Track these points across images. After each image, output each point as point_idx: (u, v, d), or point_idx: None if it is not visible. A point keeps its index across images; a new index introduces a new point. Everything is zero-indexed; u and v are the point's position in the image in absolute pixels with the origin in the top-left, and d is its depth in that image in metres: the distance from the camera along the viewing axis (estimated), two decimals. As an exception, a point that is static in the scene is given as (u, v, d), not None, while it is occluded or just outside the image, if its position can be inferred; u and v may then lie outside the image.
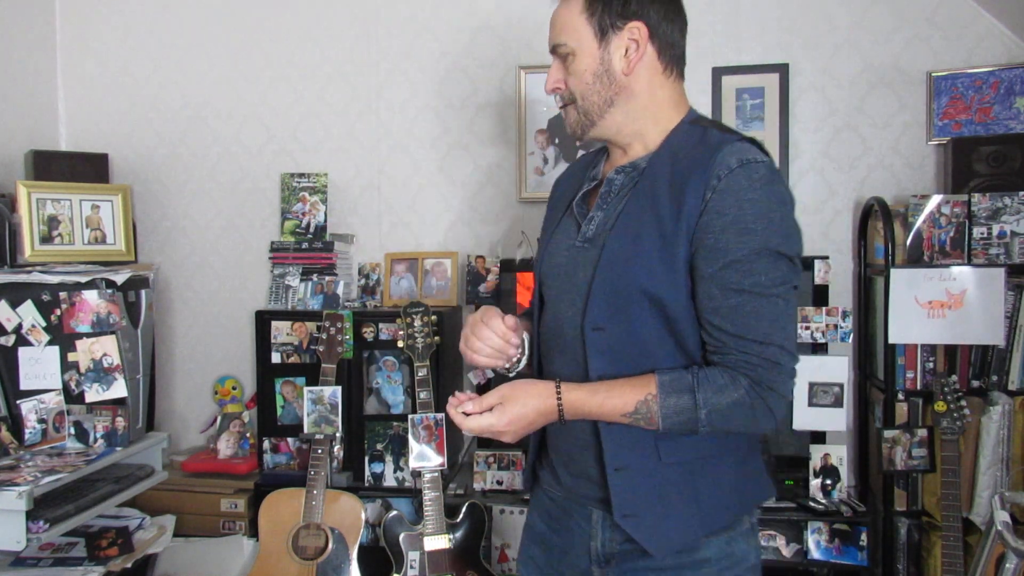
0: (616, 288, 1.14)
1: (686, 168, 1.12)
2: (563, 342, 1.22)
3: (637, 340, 1.14)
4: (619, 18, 1.16)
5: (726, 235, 1.08)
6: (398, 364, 2.64)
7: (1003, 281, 2.25)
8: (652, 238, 1.12)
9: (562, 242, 1.27)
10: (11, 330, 2.27)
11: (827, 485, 2.41)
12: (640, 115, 1.20)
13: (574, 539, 1.25)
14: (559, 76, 1.23)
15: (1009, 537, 1.45)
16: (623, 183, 1.20)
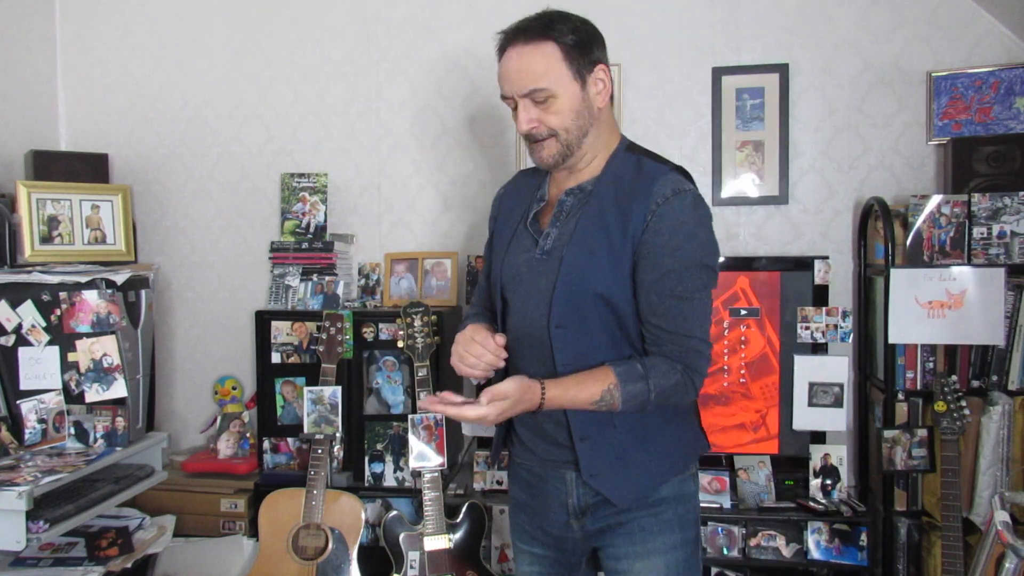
0: (575, 293, 1.36)
1: (629, 194, 1.36)
2: (531, 339, 1.43)
3: (593, 334, 1.38)
4: (589, 62, 1.38)
5: (663, 251, 1.33)
6: (398, 364, 2.64)
7: (1003, 281, 2.25)
8: (603, 251, 1.35)
9: (520, 255, 1.47)
10: (11, 330, 2.28)
11: (827, 485, 2.41)
12: (599, 140, 1.43)
13: (551, 499, 1.49)
14: (533, 116, 1.38)
15: (1009, 537, 1.45)
16: (573, 204, 1.42)
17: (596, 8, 2.77)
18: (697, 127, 2.72)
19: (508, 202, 1.58)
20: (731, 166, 2.68)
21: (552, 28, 1.36)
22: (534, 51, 1.36)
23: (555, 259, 1.39)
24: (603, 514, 1.45)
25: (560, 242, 1.40)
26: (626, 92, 2.73)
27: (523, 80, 1.36)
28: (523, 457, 1.55)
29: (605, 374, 1.35)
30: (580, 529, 1.48)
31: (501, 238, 1.53)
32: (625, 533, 1.44)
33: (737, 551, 2.37)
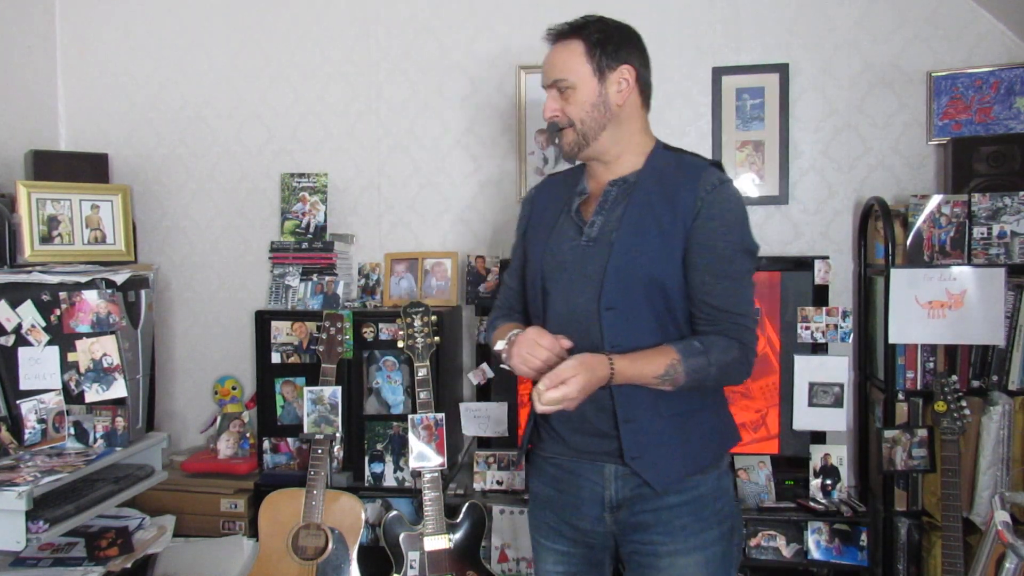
0: (625, 275, 1.43)
1: (673, 183, 1.46)
2: (576, 324, 1.47)
3: (642, 316, 1.44)
4: (613, 60, 1.48)
5: (716, 235, 1.42)
6: (398, 364, 2.64)
7: (1003, 281, 2.25)
8: (653, 235, 1.43)
9: (562, 243, 1.52)
10: (11, 330, 2.28)
11: (827, 485, 2.41)
12: (623, 138, 1.52)
13: (583, 493, 1.51)
14: (557, 106, 1.51)
15: (1009, 537, 1.45)
16: (617, 193, 1.50)
17: (596, 8, 2.77)
18: (697, 127, 2.72)
19: (542, 201, 1.65)
20: (731, 166, 2.67)
21: (584, 28, 1.49)
22: (563, 47, 1.50)
23: (603, 244, 1.46)
24: (640, 508, 1.46)
25: (607, 228, 1.47)
26: (626, 92, 2.73)
27: (550, 72, 1.51)
28: (552, 451, 1.56)
29: (666, 350, 1.40)
30: (614, 523, 1.49)
31: (538, 232, 1.59)
32: (665, 531, 1.45)
33: (737, 551, 2.37)
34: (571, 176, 1.63)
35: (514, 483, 2.55)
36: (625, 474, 1.46)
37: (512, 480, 2.55)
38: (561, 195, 1.60)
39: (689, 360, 1.39)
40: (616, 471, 1.47)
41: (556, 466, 1.56)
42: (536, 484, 1.62)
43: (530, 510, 1.64)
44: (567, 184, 1.61)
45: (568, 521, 1.54)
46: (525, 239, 1.65)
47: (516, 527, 2.48)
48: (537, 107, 2.77)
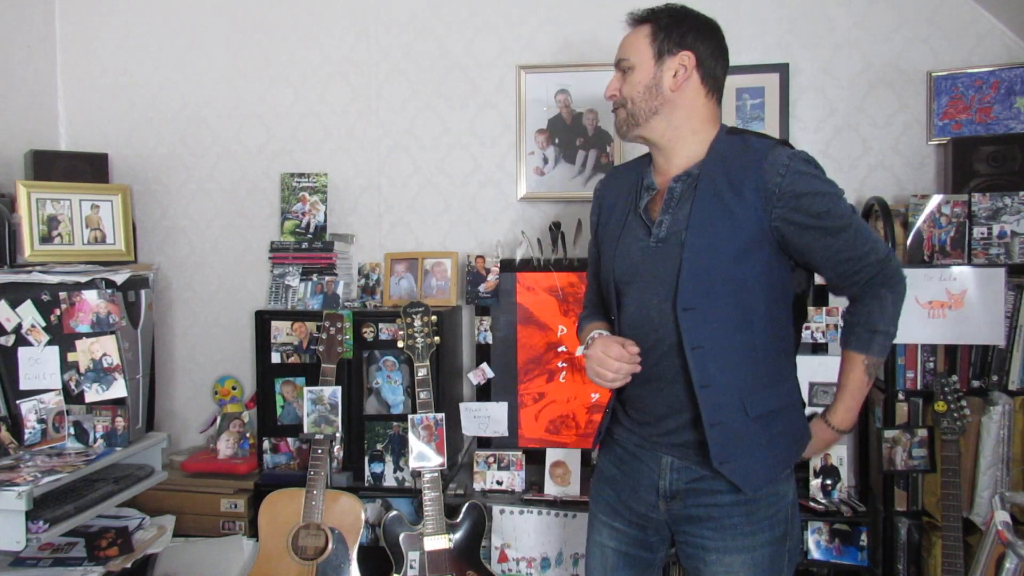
0: (701, 274, 1.41)
1: (740, 170, 1.41)
2: (651, 326, 1.46)
3: (722, 314, 1.41)
4: (675, 46, 1.46)
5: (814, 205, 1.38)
6: (398, 364, 2.64)
7: (1003, 281, 2.25)
8: (724, 231, 1.40)
9: (632, 244, 1.51)
10: (11, 330, 2.28)
11: (827, 485, 2.41)
12: (680, 125, 1.48)
13: (642, 478, 1.53)
14: (617, 85, 1.52)
15: (1009, 537, 1.45)
16: (683, 190, 1.46)
17: (597, 8, 2.78)
18: (697, 127, 2.72)
19: (610, 197, 1.63)
20: (731, 166, 2.67)
21: (658, 12, 1.49)
22: (636, 30, 1.51)
23: (673, 245, 1.44)
24: (694, 503, 1.47)
25: (675, 228, 1.44)
26: (626, 92, 2.73)
27: (619, 52, 1.53)
28: (621, 436, 1.59)
29: (851, 358, 1.47)
30: (667, 512, 1.51)
31: (609, 232, 1.58)
32: (716, 527, 1.45)
33: (737, 551, 2.36)
34: (636, 168, 1.61)
35: (514, 483, 2.55)
36: (680, 467, 1.47)
37: (512, 480, 2.55)
38: (627, 190, 1.58)
39: (873, 346, 1.45)
40: (672, 463, 1.48)
41: (623, 448, 1.59)
42: (603, 462, 1.65)
43: (593, 484, 1.68)
44: (632, 177, 1.59)
45: (626, 502, 1.57)
46: (597, 238, 1.66)
47: (516, 527, 2.48)
48: (537, 107, 2.77)
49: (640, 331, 1.48)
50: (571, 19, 2.76)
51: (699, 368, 1.41)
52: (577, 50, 2.75)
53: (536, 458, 2.59)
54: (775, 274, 1.44)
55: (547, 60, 2.78)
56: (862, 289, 1.45)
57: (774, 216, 1.39)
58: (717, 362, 1.41)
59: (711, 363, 1.41)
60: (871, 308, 1.46)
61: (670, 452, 1.48)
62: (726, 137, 1.48)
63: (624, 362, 1.45)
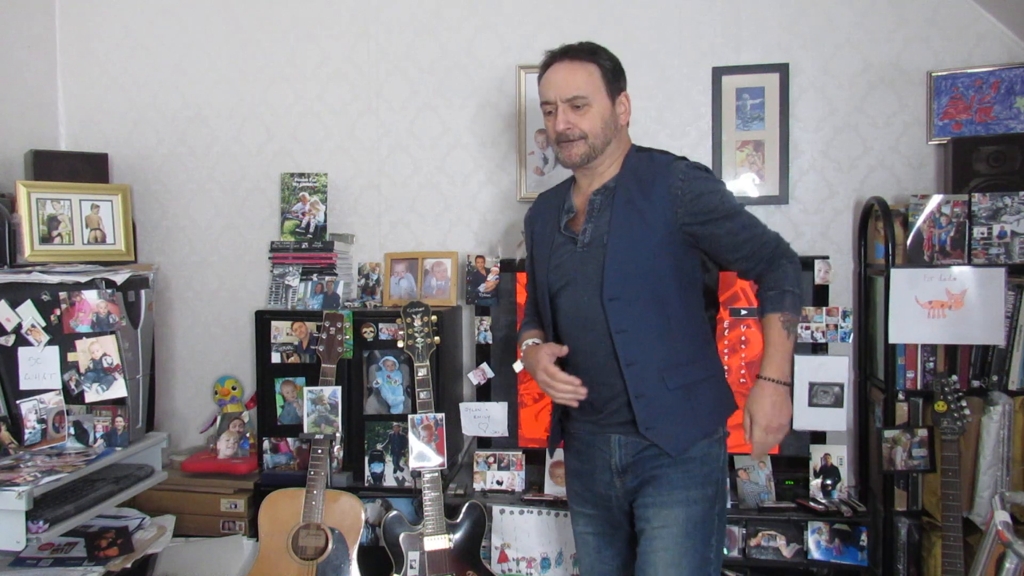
0: (621, 269, 1.64)
1: (650, 179, 1.67)
2: (584, 319, 1.69)
3: (641, 302, 1.64)
4: (618, 88, 1.72)
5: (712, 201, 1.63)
6: (398, 364, 2.64)
7: (1003, 281, 2.25)
8: (639, 230, 1.64)
9: (563, 256, 1.74)
10: (11, 330, 2.28)
11: (827, 485, 2.41)
12: (615, 151, 1.73)
13: (598, 462, 1.74)
14: (571, 120, 1.67)
15: (1009, 537, 1.45)
16: (602, 201, 1.71)
17: (597, 7, 2.78)
18: (697, 127, 2.72)
19: (539, 221, 1.86)
20: (731, 166, 2.67)
21: (596, 54, 1.69)
22: (580, 67, 1.67)
23: (597, 247, 1.67)
24: (640, 470, 1.68)
25: (598, 233, 1.68)
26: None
27: (568, 88, 1.66)
28: (576, 428, 1.79)
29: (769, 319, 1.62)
30: (622, 487, 1.71)
31: (541, 251, 1.81)
32: (658, 485, 1.66)
33: (737, 551, 2.37)
34: (558, 194, 1.84)
35: (514, 483, 2.55)
36: (627, 443, 1.68)
37: (512, 480, 2.55)
38: (553, 214, 1.81)
39: (784, 302, 1.61)
40: (619, 440, 1.69)
41: (580, 440, 1.79)
42: (568, 458, 1.87)
43: (565, 480, 1.91)
44: (556, 202, 1.82)
45: (589, 488, 1.78)
46: (531, 257, 1.88)
47: (516, 527, 2.47)
48: (537, 107, 2.76)
49: (575, 323, 1.71)
50: (571, 19, 2.76)
51: (624, 349, 1.63)
52: (577, 50, 2.75)
53: (536, 458, 2.60)
54: (684, 266, 1.67)
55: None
56: (767, 264, 1.65)
57: (679, 215, 1.62)
58: (639, 343, 1.64)
59: (634, 344, 1.64)
60: (777, 275, 1.64)
61: (617, 431, 1.69)
62: (635, 154, 1.74)
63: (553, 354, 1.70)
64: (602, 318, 1.65)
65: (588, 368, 1.70)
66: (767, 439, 1.59)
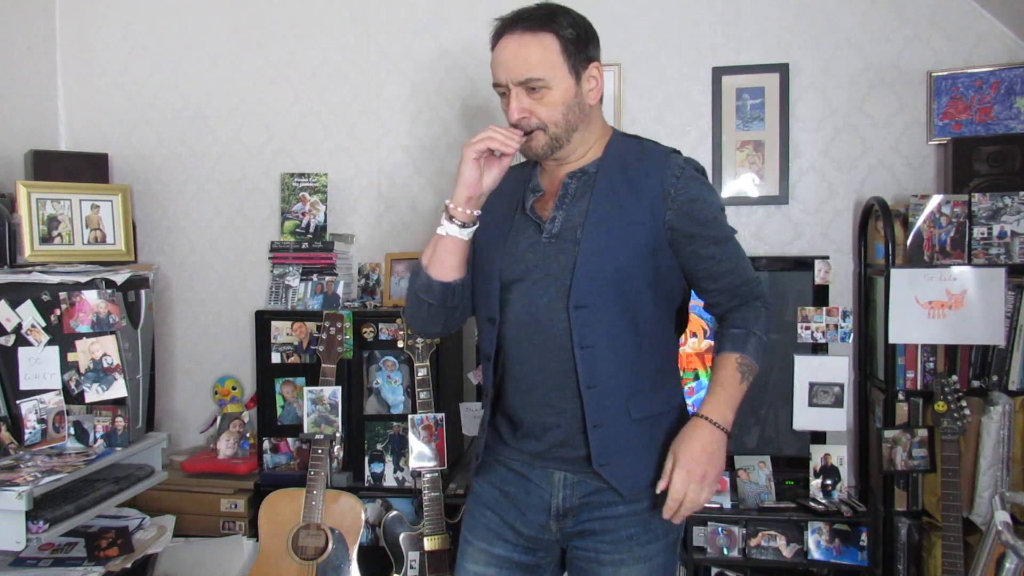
0: (595, 272, 1.36)
1: (639, 171, 1.41)
2: (539, 325, 1.39)
3: (612, 313, 1.37)
4: (585, 59, 1.40)
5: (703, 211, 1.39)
6: (398, 364, 2.64)
7: (1003, 281, 2.25)
8: (620, 228, 1.37)
9: (521, 243, 1.43)
10: (11, 330, 2.27)
11: (827, 485, 2.41)
12: (590, 136, 1.45)
13: (531, 499, 1.45)
14: (525, 106, 1.38)
15: (1009, 537, 1.45)
16: (578, 187, 1.43)
17: (596, 8, 2.77)
18: (697, 127, 2.72)
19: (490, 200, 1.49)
20: (731, 166, 2.67)
21: (553, 20, 1.37)
22: (533, 40, 1.36)
23: (568, 241, 1.39)
24: (587, 517, 1.42)
25: (570, 224, 1.40)
26: (626, 92, 2.73)
27: (519, 68, 1.36)
28: (505, 455, 1.49)
29: (725, 358, 1.42)
30: (559, 531, 1.44)
31: (491, 234, 1.47)
32: (612, 540, 1.40)
33: (737, 551, 2.37)
34: (521, 173, 1.53)
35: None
36: (574, 482, 1.41)
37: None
38: (510, 193, 1.50)
39: (747, 346, 1.41)
40: (566, 479, 1.42)
41: (507, 468, 1.49)
42: (481, 484, 1.53)
43: (468, 510, 1.55)
44: (518, 182, 1.51)
45: (512, 525, 1.47)
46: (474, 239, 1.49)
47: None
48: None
49: (525, 331, 1.40)
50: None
51: (587, 368, 1.35)
52: (577, 50, 2.75)
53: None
54: (665, 279, 1.42)
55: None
56: (740, 301, 1.45)
57: (667, 217, 1.37)
58: (605, 362, 1.37)
59: (599, 363, 1.36)
60: (747, 315, 1.45)
61: (563, 467, 1.42)
62: (622, 138, 1.48)
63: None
64: (564, 327, 1.37)
65: (535, 385, 1.41)
66: (687, 490, 1.32)
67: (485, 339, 1.47)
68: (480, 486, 1.53)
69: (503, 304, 1.43)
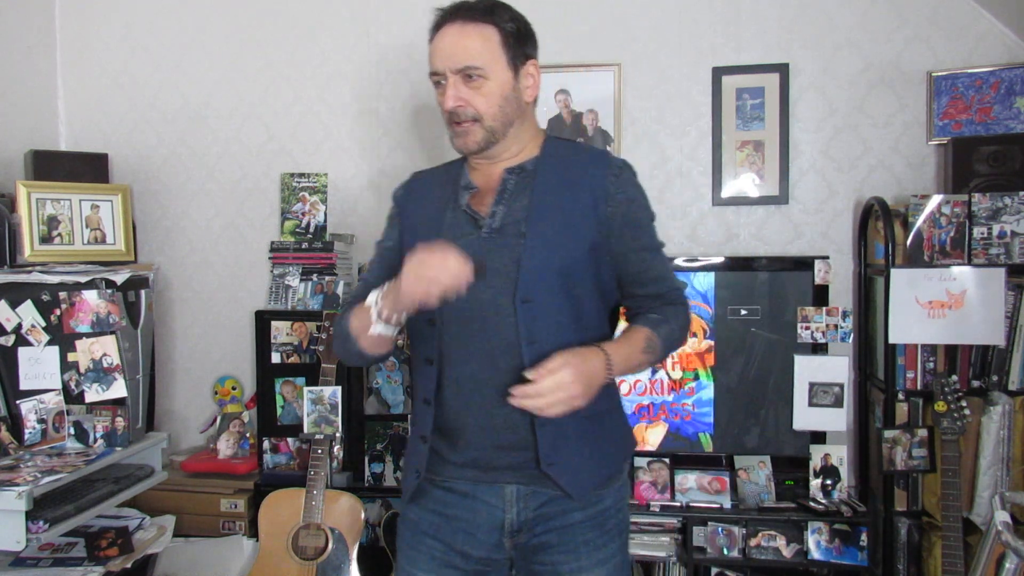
0: (540, 266, 1.35)
1: (577, 169, 1.41)
2: (482, 321, 1.36)
3: (556, 307, 1.36)
4: (523, 55, 1.40)
5: (639, 213, 1.43)
6: (398, 364, 2.64)
7: (1003, 281, 2.25)
8: (561, 226, 1.37)
9: (456, 239, 1.35)
10: (11, 330, 2.27)
11: (827, 485, 2.41)
12: (525, 133, 1.44)
13: (479, 519, 1.40)
14: (463, 95, 1.36)
15: (1009, 537, 1.45)
16: (517, 182, 1.42)
17: (596, 8, 2.78)
18: (697, 127, 2.72)
19: (418, 200, 1.50)
20: (731, 166, 2.67)
21: (494, 13, 1.37)
22: (474, 30, 1.35)
23: (511, 236, 1.37)
24: (544, 529, 1.39)
25: (512, 219, 1.38)
26: (626, 92, 2.73)
27: (459, 56, 1.35)
28: (446, 474, 1.42)
29: (637, 328, 1.40)
30: (513, 548, 1.40)
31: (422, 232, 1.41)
32: (569, 549, 1.38)
33: (737, 551, 2.37)
34: (447, 172, 1.52)
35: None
36: (527, 495, 1.37)
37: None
38: (438, 192, 1.48)
39: (660, 329, 1.39)
40: (518, 492, 1.38)
41: (447, 490, 1.41)
42: (416, 511, 1.45)
43: (406, 541, 1.46)
44: (445, 181, 1.49)
45: (459, 550, 1.40)
46: (403, 242, 1.47)
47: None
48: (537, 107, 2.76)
49: (468, 328, 1.36)
50: (571, 19, 2.76)
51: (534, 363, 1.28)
52: (577, 50, 2.75)
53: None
54: (604, 276, 1.42)
55: (547, 60, 2.76)
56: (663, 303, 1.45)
57: (607, 214, 1.38)
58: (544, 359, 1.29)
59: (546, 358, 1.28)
60: (667, 312, 1.44)
61: (512, 479, 1.37)
62: (556, 141, 1.49)
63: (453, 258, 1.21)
64: (511, 322, 1.33)
65: (480, 384, 1.36)
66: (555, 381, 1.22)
67: (423, 343, 1.41)
68: (415, 514, 1.45)
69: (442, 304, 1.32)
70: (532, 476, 1.37)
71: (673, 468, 2.47)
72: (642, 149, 2.74)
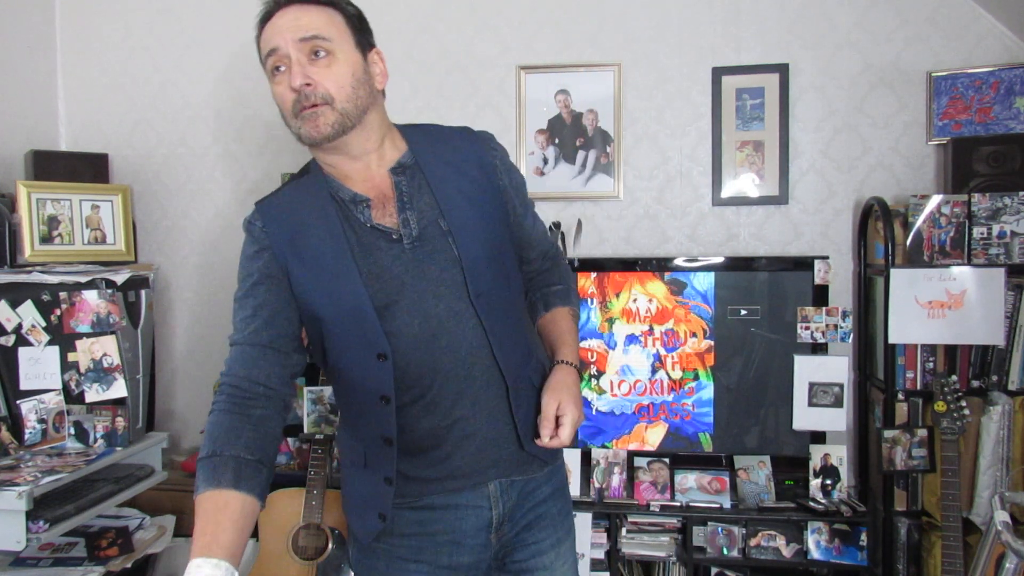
0: (477, 255, 1.31)
1: (454, 151, 1.37)
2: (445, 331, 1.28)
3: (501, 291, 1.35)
4: (368, 43, 1.32)
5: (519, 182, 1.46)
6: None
7: (1003, 281, 2.25)
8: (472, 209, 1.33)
9: (381, 260, 1.27)
10: (11, 330, 2.27)
11: (827, 485, 2.41)
12: (381, 124, 1.34)
13: (465, 527, 1.35)
14: (311, 74, 1.22)
15: (1009, 537, 1.45)
16: (408, 181, 1.32)
17: (596, 8, 2.78)
18: (697, 127, 2.72)
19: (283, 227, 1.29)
20: (731, 166, 2.68)
21: (336, 2, 1.29)
22: (317, 10, 1.24)
23: (436, 237, 1.28)
24: (522, 513, 1.39)
25: (427, 220, 1.29)
26: (626, 92, 2.73)
27: (302, 28, 1.21)
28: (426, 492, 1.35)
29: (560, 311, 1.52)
30: (498, 542, 1.38)
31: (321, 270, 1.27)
32: (547, 525, 1.42)
33: (737, 551, 2.37)
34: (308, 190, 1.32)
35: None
36: (507, 486, 1.36)
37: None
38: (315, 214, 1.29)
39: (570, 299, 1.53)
40: (500, 486, 1.35)
41: (424, 508, 1.35)
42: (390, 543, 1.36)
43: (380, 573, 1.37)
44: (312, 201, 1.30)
45: (446, 565, 1.35)
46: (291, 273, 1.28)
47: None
48: (537, 107, 2.77)
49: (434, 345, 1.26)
50: (571, 19, 2.76)
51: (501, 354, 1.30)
52: (577, 50, 2.75)
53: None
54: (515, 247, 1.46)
55: (547, 60, 2.78)
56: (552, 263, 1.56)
57: (501, 187, 1.39)
58: (509, 341, 1.33)
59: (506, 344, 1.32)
60: (557, 273, 1.56)
61: (496, 475, 1.34)
62: (410, 129, 1.41)
63: None
64: (474, 323, 1.28)
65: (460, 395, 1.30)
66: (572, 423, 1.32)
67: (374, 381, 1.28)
68: (390, 545, 1.36)
69: (389, 333, 1.25)
70: (512, 464, 1.36)
71: (673, 468, 2.47)
72: (642, 149, 2.74)
